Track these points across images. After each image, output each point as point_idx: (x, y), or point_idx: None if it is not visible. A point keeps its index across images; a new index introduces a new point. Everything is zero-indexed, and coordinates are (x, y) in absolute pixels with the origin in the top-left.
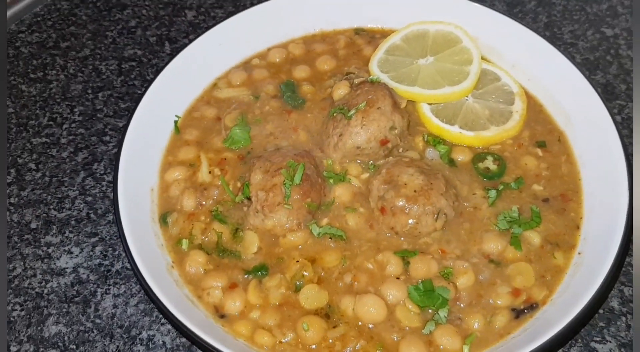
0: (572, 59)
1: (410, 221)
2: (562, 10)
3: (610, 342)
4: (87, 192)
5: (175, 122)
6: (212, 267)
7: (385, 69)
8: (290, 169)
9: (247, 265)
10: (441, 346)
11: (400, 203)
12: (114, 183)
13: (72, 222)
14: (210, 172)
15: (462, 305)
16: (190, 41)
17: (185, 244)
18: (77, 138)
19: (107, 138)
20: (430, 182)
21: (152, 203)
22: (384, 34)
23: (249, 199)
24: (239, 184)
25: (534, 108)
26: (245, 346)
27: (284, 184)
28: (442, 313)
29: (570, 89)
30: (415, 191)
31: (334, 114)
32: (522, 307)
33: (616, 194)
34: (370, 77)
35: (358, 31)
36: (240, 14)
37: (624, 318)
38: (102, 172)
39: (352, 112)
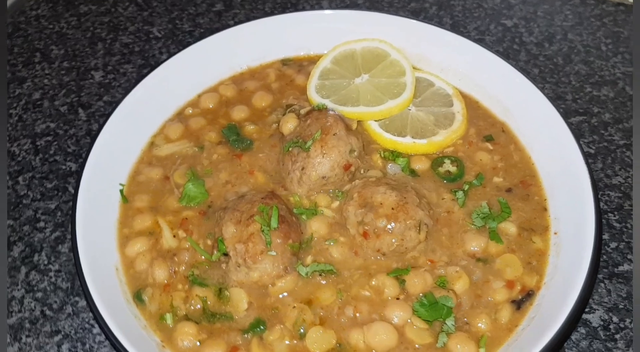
0: (496, 52)
1: (394, 239)
2: (462, 10)
3: (597, 310)
4: (35, 288)
5: (121, 191)
6: (205, 336)
7: (325, 94)
8: (263, 214)
9: (242, 324)
10: None
11: (382, 224)
12: (78, 272)
13: (27, 325)
14: (174, 236)
15: (465, 309)
16: (117, 103)
17: (169, 318)
18: (7, 231)
19: (42, 224)
20: (403, 197)
21: (121, 283)
22: (312, 60)
23: (226, 254)
24: (209, 242)
25: (471, 105)
26: None
27: (262, 230)
28: (450, 322)
29: (500, 80)
30: (392, 209)
31: (290, 149)
32: (519, 297)
33: (572, 166)
34: (317, 104)
35: (285, 62)
36: (163, 66)
37: (602, 284)
38: (45, 262)
39: (309, 143)
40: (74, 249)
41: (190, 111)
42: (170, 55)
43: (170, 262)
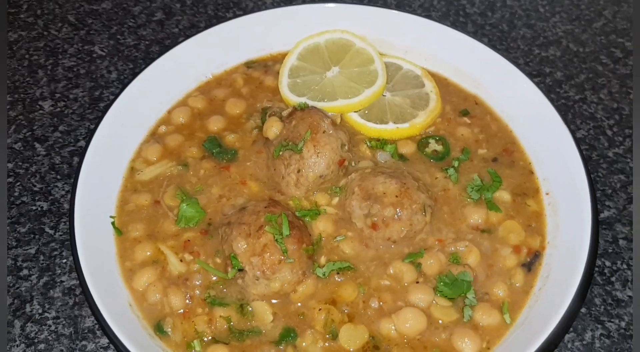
0: (455, 27)
1: (403, 226)
2: None
3: None
4: (36, 340)
5: (113, 223)
6: None
7: (299, 92)
8: (272, 224)
9: (272, 336)
10: (485, 325)
11: (390, 212)
12: (98, 318)
13: None
14: (181, 261)
15: (481, 280)
16: (91, 135)
17: (197, 345)
18: None
19: (25, 271)
20: (403, 183)
21: (139, 318)
22: (276, 59)
23: (241, 270)
24: (218, 260)
25: (441, 83)
26: None
27: (275, 240)
28: (471, 296)
29: (466, 54)
30: (396, 196)
31: (280, 153)
32: (528, 259)
33: (551, 126)
34: (297, 103)
35: (249, 64)
36: (128, 89)
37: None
38: (40, 311)
39: (300, 144)
40: (87, 297)
41: (164, 129)
42: (134, 75)
43: (183, 288)
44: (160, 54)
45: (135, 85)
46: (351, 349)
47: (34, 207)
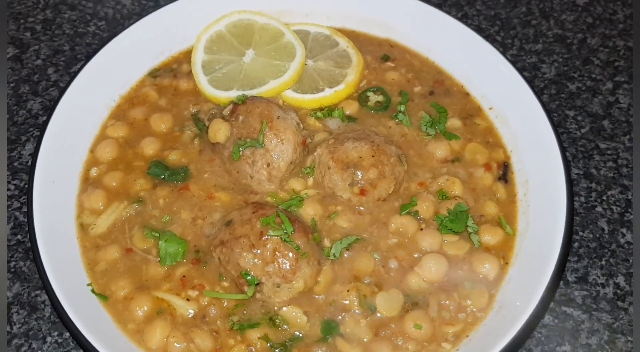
0: None
1: (389, 182)
2: None
3: None
4: None
5: (92, 290)
6: None
7: (225, 87)
8: (273, 225)
9: (315, 336)
10: (494, 243)
11: (374, 174)
12: None
13: None
14: (188, 300)
15: (472, 206)
16: (29, 206)
17: None
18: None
19: None
20: (371, 141)
21: None
22: (179, 60)
23: (257, 284)
24: (225, 284)
25: (351, 37)
26: None
27: (283, 240)
28: (470, 223)
29: (369, 2)
30: (373, 156)
31: (240, 153)
32: (500, 172)
33: (468, 46)
34: (236, 98)
35: (153, 73)
36: (45, 141)
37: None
38: None
39: (260, 137)
40: None
41: (96, 171)
42: (42, 128)
43: (205, 326)
44: (59, 94)
45: (48, 138)
46: (394, 314)
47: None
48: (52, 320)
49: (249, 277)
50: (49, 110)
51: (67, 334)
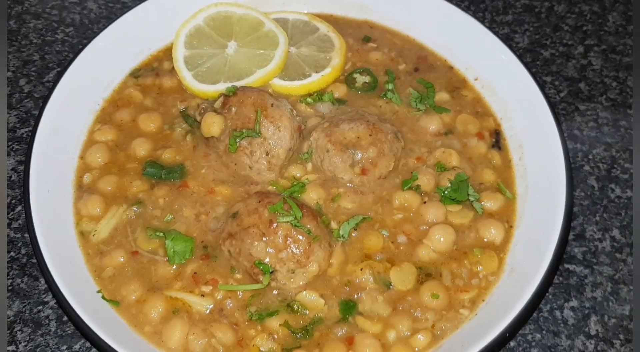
0: None
1: (389, 159)
2: None
3: None
4: None
5: (103, 297)
6: (318, 350)
7: (212, 80)
8: (281, 212)
9: (334, 317)
10: (497, 208)
11: (373, 152)
12: None
13: None
14: (202, 296)
15: (470, 175)
16: (29, 221)
17: None
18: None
19: None
20: (366, 121)
21: None
22: (159, 58)
23: (272, 272)
24: (239, 276)
25: (330, 21)
26: None
27: (294, 225)
28: (471, 191)
29: None
30: (370, 135)
31: (237, 144)
32: (493, 140)
33: (447, 19)
34: (226, 90)
35: (135, 74)
36: (34, 152)
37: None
38: None
39: (256, 126)
40: None
41: (88, 178)
42: (30, 140)
43: (224, 320)
44: (43, 101)
45: (38, 149)
46: (409, 287)
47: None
48: (59, 334)
49: (262, 266)
50: (35, 119)
51: (77, 346)
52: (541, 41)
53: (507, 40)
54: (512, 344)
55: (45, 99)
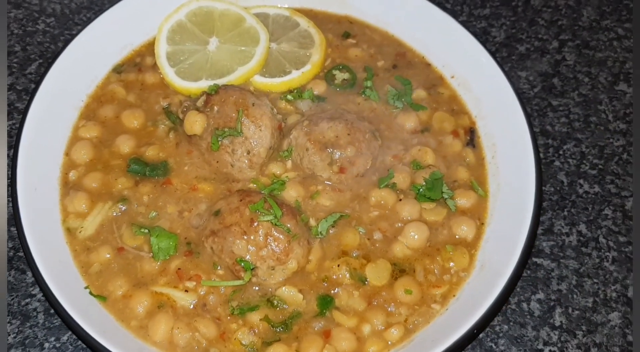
0: None
1: (366, 158)
2: None
3: None
4: None
5: (90, 293)
6: (297, 344)
7: (193, 77)
8: (262, 211)
9: (312, 312)
10: (469, 206)
11: (351, 152)
12: None
13: None
14: (186, 291)
15: (445, 172)
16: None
17: None
18: None
19: None
20: (345, 119)
21: None
22: (142, 53)
23: (253, 269)
24: (221, 272)
25: (310, 16)
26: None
27: (274, 224)
28: (445, 189)
29: None
30: (348, 134)
31: (219, 143)
32: (468, 138)
33: (425, 16)
34: (208, 88)
35: (117, 69)
36: (21, 149)
37: None
38: None
39: (238, 126)
40: None
41: (74, 174)
42: (16, 137)
43: (207, 315)
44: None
45: (24, 146)
46: (384, 283)
47: None
48: (47, 326)
49: (243, 264)
50: (21, 116)
51: (65, 338)
52: (517, 36)
53: (483, 34)
54: (480, 335)
55: (31, 96)
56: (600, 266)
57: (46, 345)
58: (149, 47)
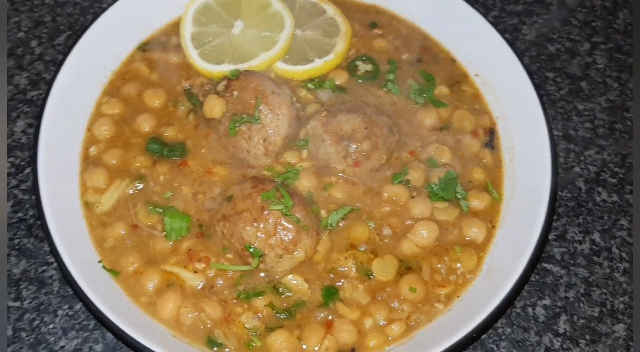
0: None
1: (382, 153)
2: None
3: None
4: None
5: (104, 266)
6: (299, 331)
7: (216, 60)
8: (273, 200)
9: (316, 301)
10: (482, 208)
11: (367, 146)
12: None
13: None
14: (195, 272)
15: (460, 172)
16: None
17: (256, 340)
18: None
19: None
20: (363, 113)
21: (192, 343)
22: (167, 32)
23: (261, 256)
24: (230, 256)
25: (338, 3)
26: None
27: (284, 214)
28: (459, 189)
29: None
30: (365, 128)
31: (237, 128)
32: (487, 139)
33: (455, 12)
34: (230, 73)
35: (143, 47)
36: (44, 122)
37: None
38: None
39: (256, 113)
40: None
41: (94, 150)
42: (40, 110)
43: (214, 296)
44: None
45: (47, 119)
46: (389, 279)
47: None
48: (62, 294)
49: (252, 250)
50: (46, 90)
51: (78, 306)
52: (548, 35)
53: (514, 31)
54: (482, 336)
55: (57, 68)
56: (611, 277)
57: (59, 312)
58: (175, 27)
